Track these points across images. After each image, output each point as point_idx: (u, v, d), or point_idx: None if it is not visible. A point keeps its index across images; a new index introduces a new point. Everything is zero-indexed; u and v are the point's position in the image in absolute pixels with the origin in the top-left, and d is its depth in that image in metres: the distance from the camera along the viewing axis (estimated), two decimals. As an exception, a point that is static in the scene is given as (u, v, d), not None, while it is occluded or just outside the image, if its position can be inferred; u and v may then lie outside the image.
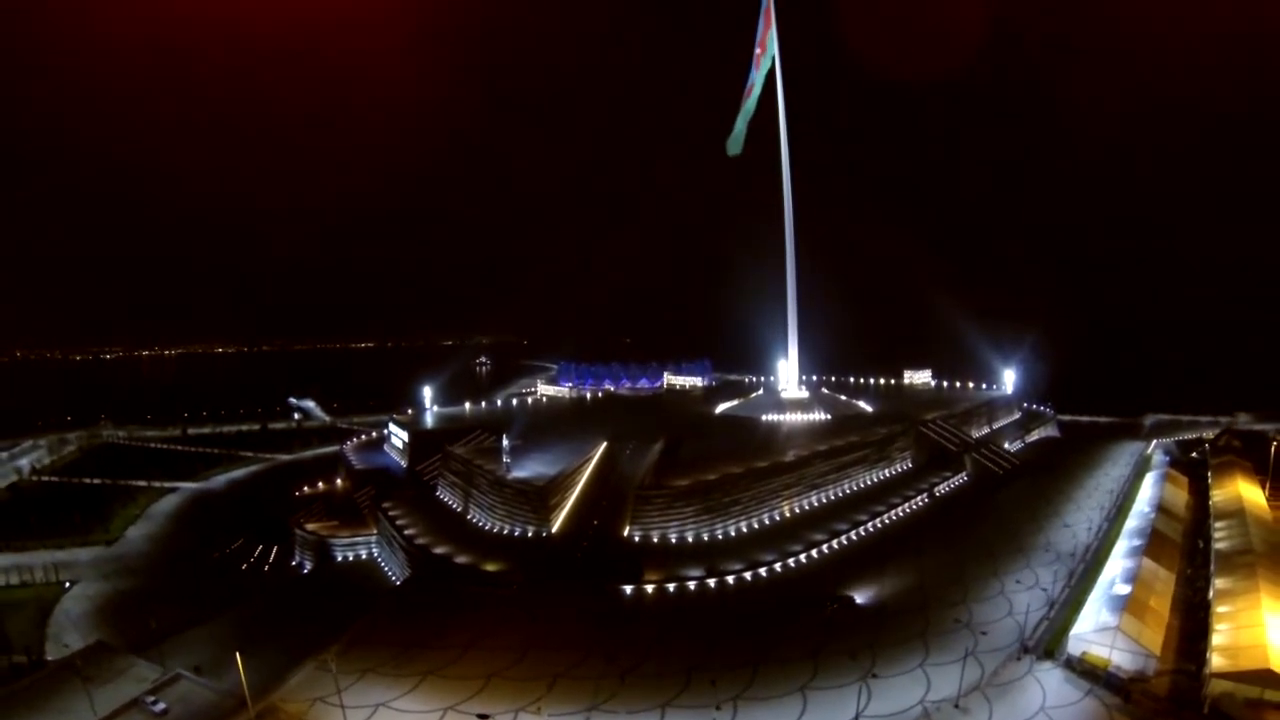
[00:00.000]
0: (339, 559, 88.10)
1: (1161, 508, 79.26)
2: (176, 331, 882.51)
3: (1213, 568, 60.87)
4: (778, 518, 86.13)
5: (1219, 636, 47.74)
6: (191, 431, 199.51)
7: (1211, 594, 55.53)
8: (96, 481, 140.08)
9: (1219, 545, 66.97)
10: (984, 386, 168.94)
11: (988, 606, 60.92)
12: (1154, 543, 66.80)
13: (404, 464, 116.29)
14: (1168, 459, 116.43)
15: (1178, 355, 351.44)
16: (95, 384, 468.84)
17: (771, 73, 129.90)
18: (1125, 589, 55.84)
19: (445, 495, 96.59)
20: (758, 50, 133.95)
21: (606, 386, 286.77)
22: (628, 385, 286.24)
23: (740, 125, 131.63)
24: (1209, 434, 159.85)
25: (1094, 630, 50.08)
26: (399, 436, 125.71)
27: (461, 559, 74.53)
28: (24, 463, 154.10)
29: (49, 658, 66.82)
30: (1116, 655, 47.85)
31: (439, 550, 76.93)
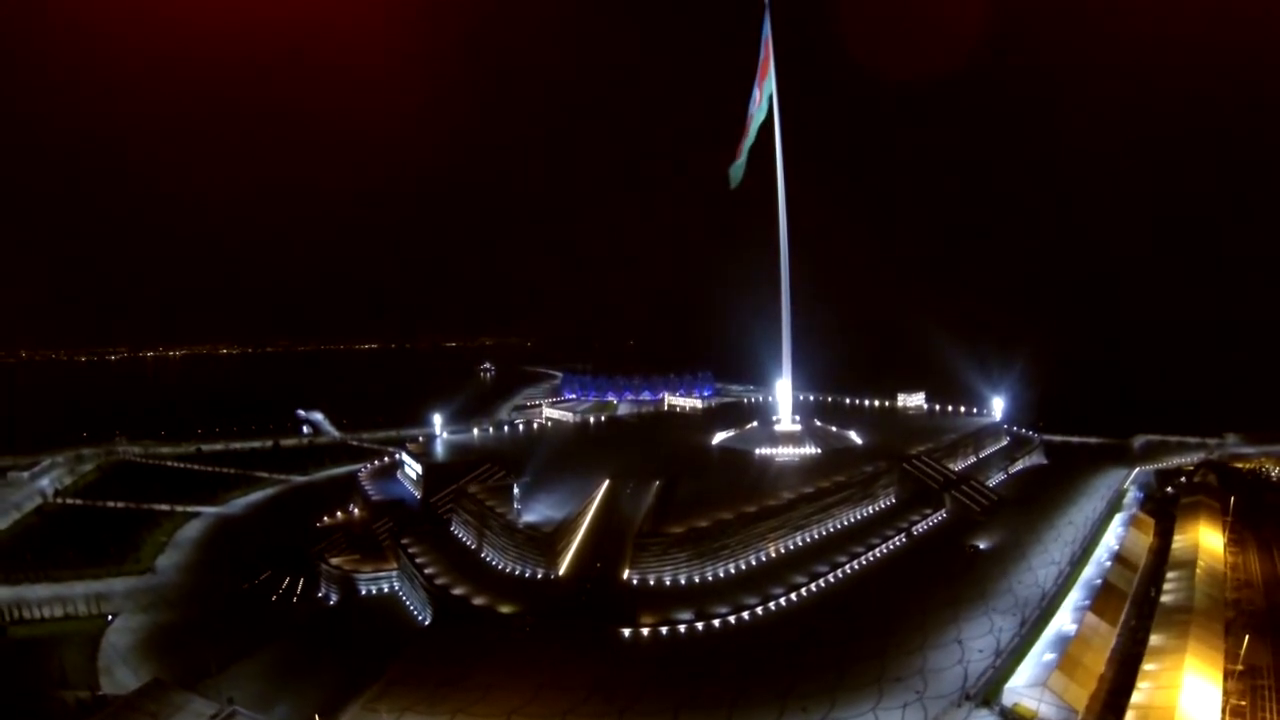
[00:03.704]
0: (363, 592, 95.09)
1: (1119, 556, 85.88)
2: (180, 332, 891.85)
3: (1152, 623, 67.70)
4: (764, 559, 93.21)
5: (1139, 694, 54.62)
6: (205, 449, 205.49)
7: (1146, 650, 62.37)
8: (120, 505, 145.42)
9: (1165, 599, 73.82)
10: (974, 411, 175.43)
11: (942, 654, 67.71)
12: (1102, 595, 73.51)
13: (418, 495, 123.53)
14: (1141, 496, 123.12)
15: (1174, 365, 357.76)
16: (103, 388, 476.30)
17: (771, 105, 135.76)
18: (1062, 644, 62.66)
19: (460, 532, 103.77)
20: (756, 91, 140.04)
21: (609, 399, 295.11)
22: (630, 398, 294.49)
23: (741, 159, 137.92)
24: (1191, 462, 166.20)
25: (1027, 684, 57.01)
26: (412, 468, 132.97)
27: (479, 600, 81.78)
28: (45, 483, 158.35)
29: (100, 692, 73.59)
30: (1044, 709, 54.77)
31: (458, 591, 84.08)
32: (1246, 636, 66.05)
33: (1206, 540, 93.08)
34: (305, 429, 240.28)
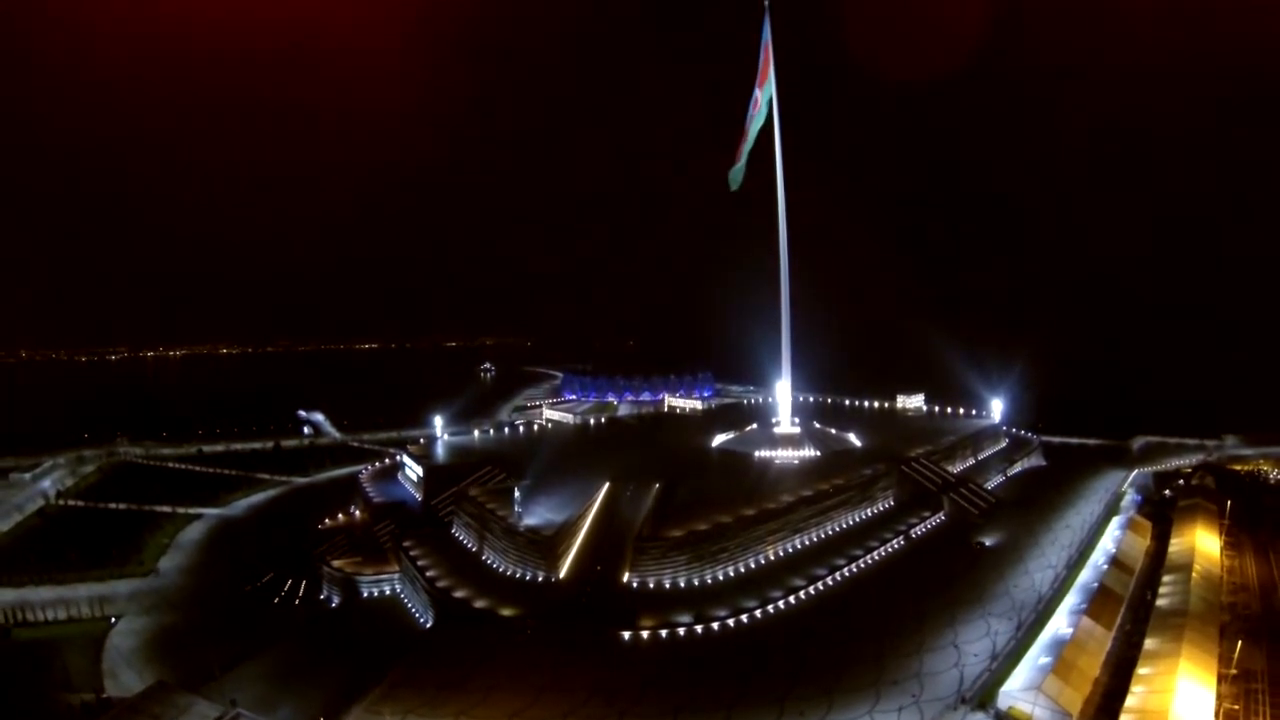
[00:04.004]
0: (365, 595, 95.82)
1: (1116, 560, 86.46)
2: (181, 331, 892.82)
3: (1148, 626, 68.32)
4: (763, 561, 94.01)
5: (1133, 698, 55.29)
6: (206, 450, 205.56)
7: (1140, 654, 63.01)
8: (122, 507, 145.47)
9: (1160, 602, 74.40)
10: (973, 413, 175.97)
11: (939, 657, 68.39)
12: (1098, 599, 74.15)
13: (419, 497, 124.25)
14: (1139, 499, 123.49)
15: (1174, 366, 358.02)
16: (103, 388, 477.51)
17: (770, 108, 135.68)
18: (1057, 647, 63.40)
19: (460, 534, 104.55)
20: (757, 91, 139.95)
21: (609, 399, 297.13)
22: (630, 398, 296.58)
23: (740, 163, 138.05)
24: (1189, 464, 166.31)
25: (1022, 688, 57.76)
26: (413, 469, 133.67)
27: (480, 603, 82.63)
28: (47, 485, 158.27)
29: (105, 695, 74.17)
30: (1038, 712, 55.49)
31: (459, 593, 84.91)
32: (1240, 640, 66.67)
33: (1203, 544, 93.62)
34: (306, 430, 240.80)
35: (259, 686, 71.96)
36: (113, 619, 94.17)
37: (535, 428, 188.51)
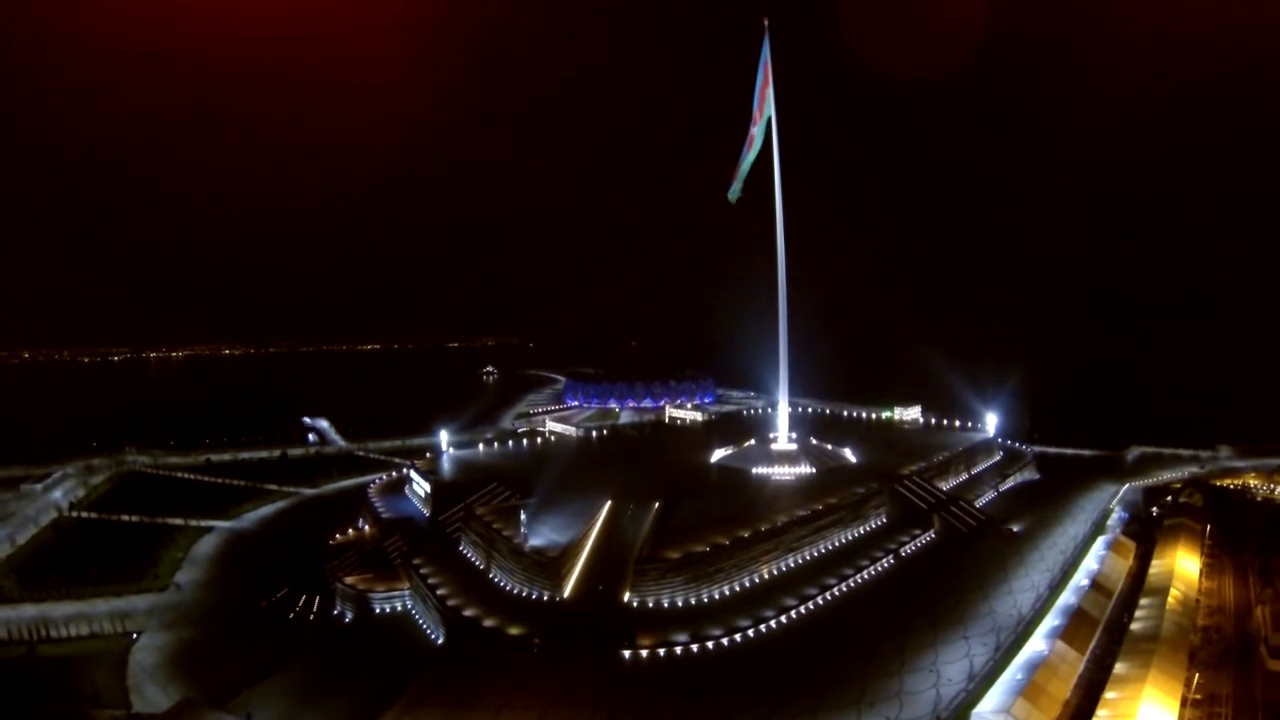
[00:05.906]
0: (378, 611, 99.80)
1: (1096, 583, 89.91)
2: (183, 332, 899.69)
3: (1120, 650, 71.94)
4: (757, 580, 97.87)
5: (1096, 722, 59.05)
6: (214, 459, 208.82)
7: (1109, 677, 66.67)
8: (134, 519, 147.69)
9: (1135, 626, 77.95)
10: (968, 425, 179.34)
11: (918, 678, 71.80)
12: (1074, 622, 77.71)
13: (426, 513, 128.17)
14: (1125, 517, 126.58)
15: (1174, 371, 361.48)
16: (106, 390, 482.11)
17: (769, 128, 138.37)
18: (1030, 670, 67.06)
19: (468, 552, 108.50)
20: (756, 110, 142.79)
21: (612, 406, 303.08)
22: (632, 405, 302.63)
23: (739, 179, 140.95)
24: (1181, 478, 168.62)
25: (993, 710, 61.32)
26: (420, 485, 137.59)
27: (489, 622, 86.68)
28: (58, 495, 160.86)
29: (134, 711, 77.89)
30: (1008, 735, 59.25)
31: (469, 612, 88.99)
32: (1209, 664, 70.24)
33: (1183, 565, 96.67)
34: (311, 437, 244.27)
35: (278, 703, 75.69)
36: (134, 634, 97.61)
37: (539, 441, 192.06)
